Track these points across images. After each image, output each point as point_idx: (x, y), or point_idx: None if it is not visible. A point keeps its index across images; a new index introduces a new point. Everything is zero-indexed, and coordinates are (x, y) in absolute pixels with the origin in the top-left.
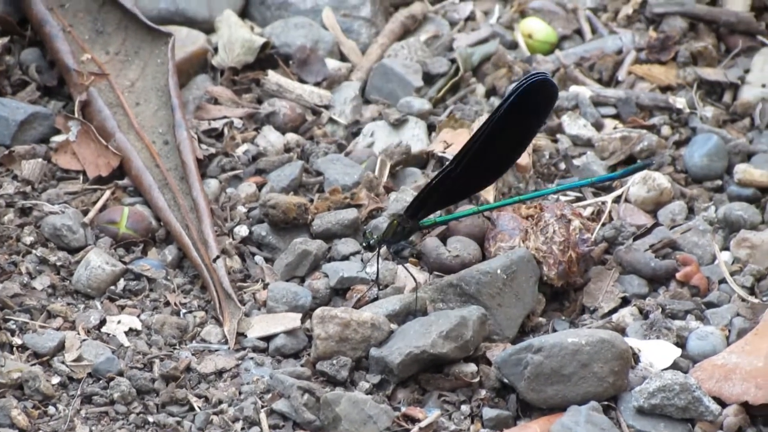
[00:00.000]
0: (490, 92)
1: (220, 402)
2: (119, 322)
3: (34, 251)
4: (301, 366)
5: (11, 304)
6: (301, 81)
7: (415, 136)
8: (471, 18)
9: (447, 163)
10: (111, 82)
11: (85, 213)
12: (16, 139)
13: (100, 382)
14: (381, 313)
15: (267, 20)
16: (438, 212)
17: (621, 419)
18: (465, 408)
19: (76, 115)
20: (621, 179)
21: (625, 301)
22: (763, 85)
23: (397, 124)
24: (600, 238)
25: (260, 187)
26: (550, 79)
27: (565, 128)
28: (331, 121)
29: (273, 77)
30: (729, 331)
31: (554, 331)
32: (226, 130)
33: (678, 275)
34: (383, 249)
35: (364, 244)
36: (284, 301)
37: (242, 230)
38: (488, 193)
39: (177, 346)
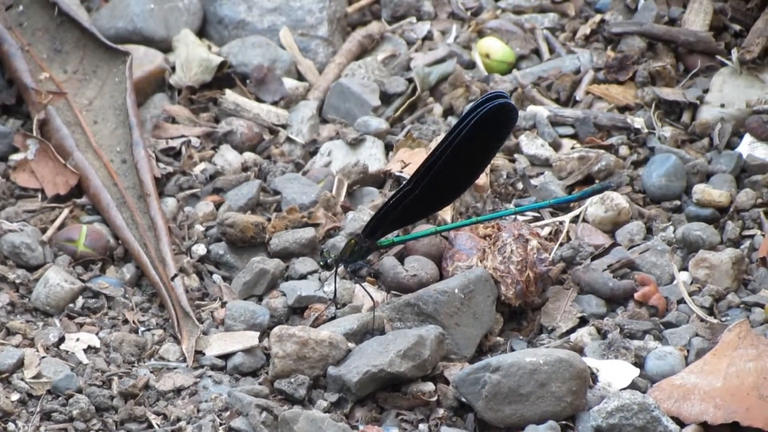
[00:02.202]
0: (448, 112)
1: (179, 419)
2: (78, 339)
3: None
4: (259, 384)
5: None
6: (259, 100)
7: (372, 156)
8: (428, 38)
9: (404, 183)
10: (69, 101)
11: (44, 231)
12: None
13: (59, 399)
14: (339, 331)
15: (224, 39)
16: (395, 232)
17: None
18: (423, 427)
19: (35, 134)
20: (579, 201)
21: (583, 321)
22: (722, 105)
23: (355, 144)
24: (558, 258)
25: (218, 205)
26: (509, 101)
27: (522, 148)
28: (289, 140)
29: (230, 96)
30: (687, 351)
31: (512, 350)
32: (183, 149)
33: (636, 295)
34: (341, 268)
35: (321, 263)
36: (242, 320)
37: (200, 249)
38: (446, 213)
39: (135, 364)
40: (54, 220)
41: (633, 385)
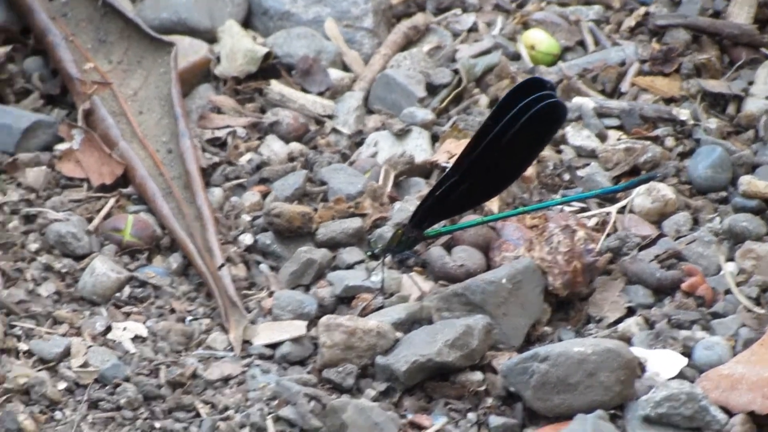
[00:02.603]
0: (494, 103)
1: (227, 408)
2: (125, 328)
3: (39, 258)
4: (308, 373)
5: (17, 311)
6: (304, 91)
7: (418, 146)
8: (474, 29)
9: (449, 171)
10: (114, 91)
11: (90, 221)
12: (19, 147)
13: (107, 387)
14: (386, 321)
15: (269, 30)
16: (442, 222)
17: (627, 428)
18: (471, 416)
19: (80, 124)
20: (625, 191)
21: (630, 311)
22: (767, 97)
23: (401, 134)
24: (605, 249)
25: (264, 196)
26: (559, 100)
27: (568, 139)
28: (335, 130)
29: (276, 87)
30: (735, 341)
31: (560, 340)
32: (229, 140)
33: (683, 285)
34: (388, 258)
35: (368, 254)
36: (289, 309)
37: (246, 238)
38: (492, 204)
39: (183, 353)
40: (100, 209)
41: (681, 375)
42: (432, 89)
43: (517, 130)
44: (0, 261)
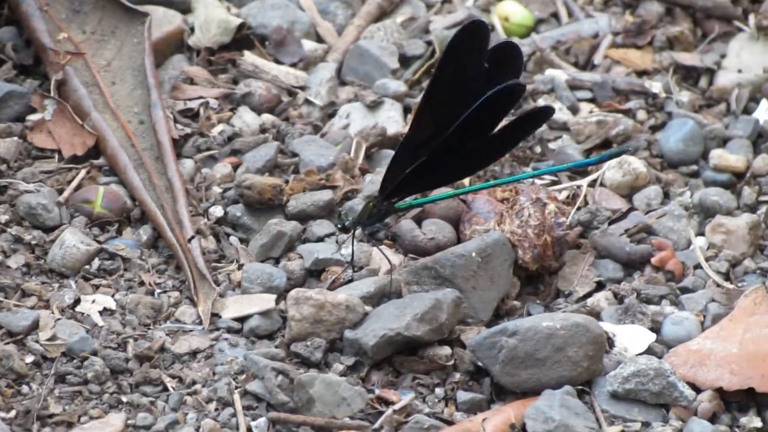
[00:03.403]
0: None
1: (194, 382)
2: (93, 301)
3: (8, 230)
4: (276, 347)
5: None
6: (277, 62)
7: (390, 118)
8: (447, 1)
9: (408, 135)
10: (87, 62)
11: (60, 192)
12: None
13: (74, 361)
14: (356, 294)
15: (243, 1)
16: (414, 195)
17: (595, 404)
18: (439, 391)
19: (52, 94)
20: (597, 165)
21: (599, 286)
22: (739, 71)
23: (373, 106)
24: (575, 222)
25: (235, 167)
26: (519, 83)
27: None
28: (307, 102)
29: (249, 58)
30: (704, 316)
31: (529, 314)
32: (201, 111)
33: (653, 260)
34: (358, 231)
35: (339, 226)
36: (259, 282)
37: (217, 211)
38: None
39: (151, 326)
40: (71, 181)
41: (649, 351)
42: (405, 61)
43: (478, 113)
44: None
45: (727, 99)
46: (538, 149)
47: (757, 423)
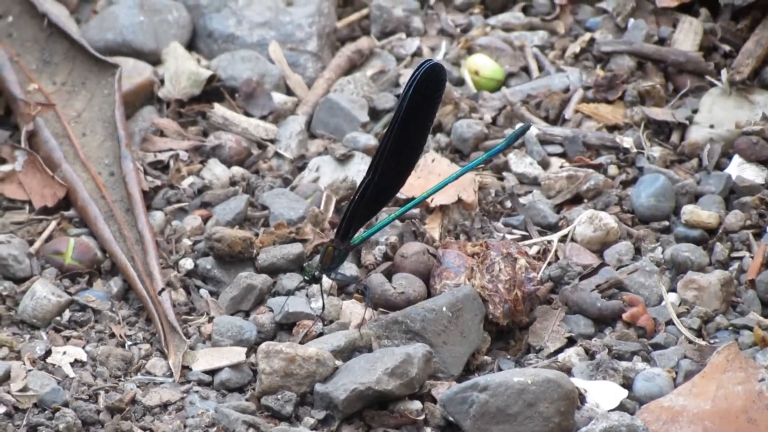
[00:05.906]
0: (437, 129)
1: None
2: (65, 353)
3: None
4: (246, 400)
5: None
6: (247, 114)
7: (360, 172)
8: (418, 54)
9: (364, 176)
10: (58, 113)
11: (31, 243)
12: None
13: (46, 412)
14: (326, 348)
15: (213, 53)
16: (362, 229)
17: None
18: None
19: (23, 145)
20: (510, 145)
21: (571, 341)
22: (711, 126)
23: (343, 159)
24: (546, 278)
25: (206, 220)
26: (438, 62)
27: (511, 166)
28: (277, 155)
29: (219, 110)
30: (676, 373)
31: (500, 369)
32: (171, 163)
33: (624, 316)
34: (327, 279)
35: (306, 278)
36: (229, 335)
37: (187, 263)
38: (434, 230)
39: (122, 378)
40: (41, 232)
41: (621, 407)
42: (375, 114)
43: (408, 105)
44: None
45: (699, 154)
46: (508, 204)
47: None
